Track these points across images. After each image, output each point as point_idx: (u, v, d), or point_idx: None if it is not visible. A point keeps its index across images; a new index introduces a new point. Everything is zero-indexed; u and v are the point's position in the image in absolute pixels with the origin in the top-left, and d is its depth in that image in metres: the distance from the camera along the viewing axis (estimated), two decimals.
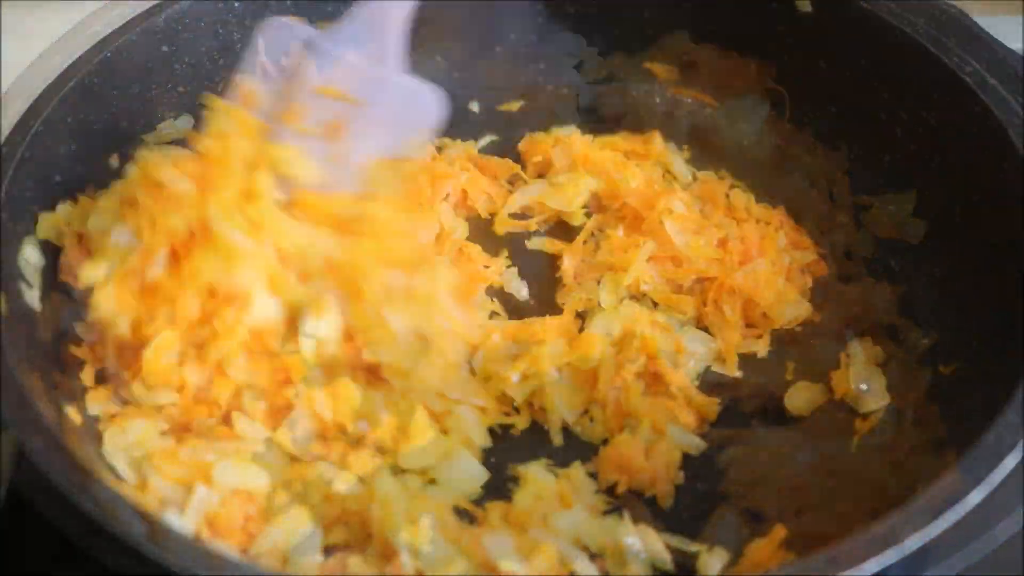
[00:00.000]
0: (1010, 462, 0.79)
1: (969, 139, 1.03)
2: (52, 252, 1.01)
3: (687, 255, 1.11)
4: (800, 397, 1.05)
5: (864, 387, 1.04)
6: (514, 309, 1.14)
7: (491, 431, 1.03)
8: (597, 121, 1.30)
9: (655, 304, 1.12)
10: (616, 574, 0.90)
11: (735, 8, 1.22)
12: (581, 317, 1.11)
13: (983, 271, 1.00)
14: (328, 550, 0.90)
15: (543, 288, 1.16)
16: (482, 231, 1.21)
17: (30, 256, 0.98)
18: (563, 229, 1.22)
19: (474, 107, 1.33)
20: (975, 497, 0.78)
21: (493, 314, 1.13)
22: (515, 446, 1.02)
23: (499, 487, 0.98)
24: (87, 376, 0.98)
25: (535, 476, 0.97)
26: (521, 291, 1.16)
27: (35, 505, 0.76)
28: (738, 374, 1.08)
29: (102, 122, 1.09)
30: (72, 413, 0.91)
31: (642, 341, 1.04)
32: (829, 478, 0.98)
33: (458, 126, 1.25)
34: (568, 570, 0.88)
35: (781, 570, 0.76)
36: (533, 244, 1.20)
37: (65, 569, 0.95)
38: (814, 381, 1.06)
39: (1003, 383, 0.88)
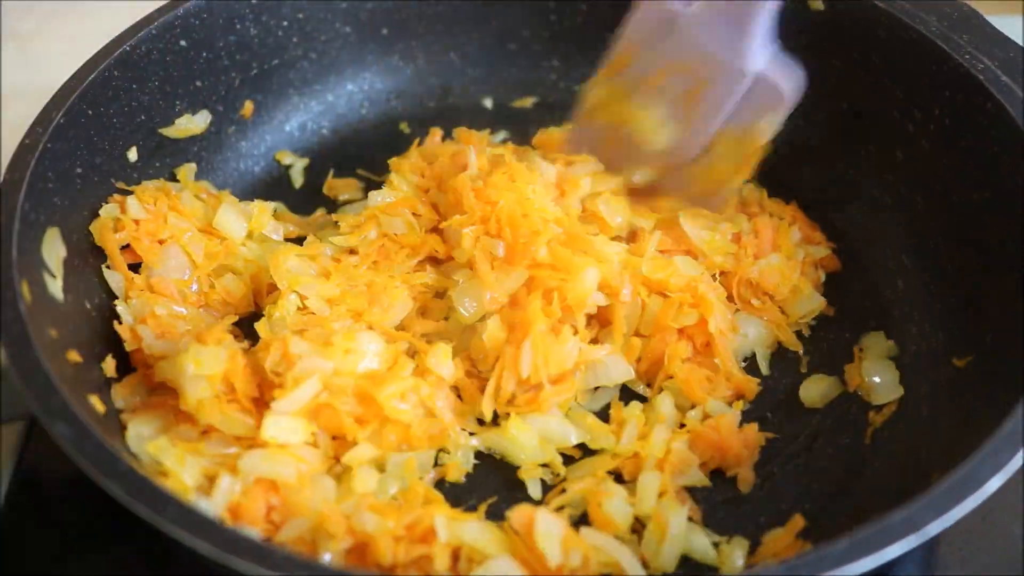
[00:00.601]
0: None
1: (981, 136, 1.04)
2: (74, 243, 1.02)
3: (702, 249, 1.11)
4: (815, 389, 1.06)
5: (877, 380, 1.05)
6: None
7: None
8: None
9: None
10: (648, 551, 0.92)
11: None
12: None
13: (996, 266, 1.01)
14: None
15: None
16: None
17: (53, 246, 0.98)
18: None
19: (488, 103, 1.34)
20: (994, 484, 0.79)
21: None
22: None
23: None
24: (108, 367, 0.98)
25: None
26: None
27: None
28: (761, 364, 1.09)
29: (121, 115, 1.10)
30: (95, 402, 0.91)
31: (700, 298, 1.05)
32: (844, 469, 1.00)
33: (472, 122, 1.26)
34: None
35: (802, 557, 0.76)
36: None
37: (65, 569, 0.95)
38: (828, 374, 1.07)
39: (1017, 375, 0.89)
